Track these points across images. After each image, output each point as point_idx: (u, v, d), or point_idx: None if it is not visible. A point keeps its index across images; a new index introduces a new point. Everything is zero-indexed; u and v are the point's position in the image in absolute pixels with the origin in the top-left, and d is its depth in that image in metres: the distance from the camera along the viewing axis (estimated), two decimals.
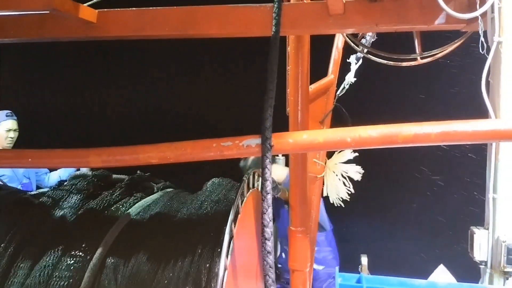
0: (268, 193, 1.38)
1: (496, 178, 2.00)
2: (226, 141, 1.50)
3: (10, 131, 4.30)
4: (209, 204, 1.70)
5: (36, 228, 1.59)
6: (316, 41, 2.22)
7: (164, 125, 6.02)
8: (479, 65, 1.78)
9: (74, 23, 1.77)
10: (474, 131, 1.41)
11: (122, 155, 1.56)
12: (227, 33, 1.76)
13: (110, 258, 1.48)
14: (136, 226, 1.62)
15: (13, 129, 4.33)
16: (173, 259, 1.46)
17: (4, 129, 4.28)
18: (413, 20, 1.70)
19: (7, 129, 4.28)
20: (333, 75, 3.30)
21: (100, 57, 6.05)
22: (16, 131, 4.36)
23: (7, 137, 4.28)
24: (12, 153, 1.63)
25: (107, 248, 1.51)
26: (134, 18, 1.79)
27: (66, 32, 1.81)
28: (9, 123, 4.31)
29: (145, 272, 1.45)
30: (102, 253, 1.48)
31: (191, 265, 1.44)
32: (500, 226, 2.01)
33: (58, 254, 1.49)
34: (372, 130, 1.46)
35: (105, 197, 1.75)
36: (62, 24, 1.80)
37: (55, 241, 1.54)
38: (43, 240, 1.54)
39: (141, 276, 1.44)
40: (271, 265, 1.36)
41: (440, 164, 5.48)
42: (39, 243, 1.54)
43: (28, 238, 1.55)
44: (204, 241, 1.50)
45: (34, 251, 1.51)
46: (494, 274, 2.03)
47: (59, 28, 1.81)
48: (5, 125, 4.28)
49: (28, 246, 1.53)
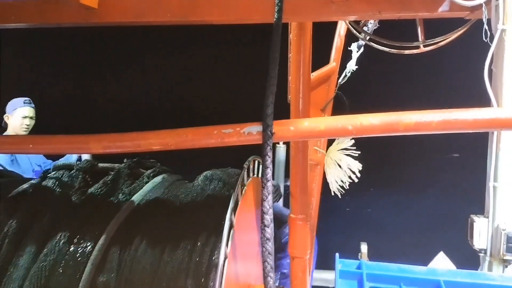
0: (268, 180, 1.38)
1: (496, 166, 2.00)
2: (227, 128, 1.50)
3: (26, 118, 4.24)
4: (209, 192, 1.71)
5: (39, 215, 1.60)
6: (318, 28, 2.20)
7: (165, 114, 6.01)
8: (481, 53, 1.77)
9: (75, 8, 1.75)
10: (476, 119, 1.41)
11: (122, 141, 1.56)
12: (228, 20, 1.75)
13: (113, 247, 1.50)
14: (137, 214, 1.63)
15: (29, 117, 4.26)
16: (174, 247, 1.48)
17: (20, 116, 4.22)
18: (417, 7, 1.68)
19: (23, 116, 4.23)
20: (335, 62, 3.29)
21: (102, 48, 6.03)
22: (32, 119, 4.29)
23: (23, 124, 4.22)
24: (13, 139, 1.63)
25: (110, 236, 1.52)
26: (135, 3, 1.78)
27: (67, 18, 1.79)
28: (26, 110, 4.26)
29: (146, 261, 1.46)
30: (104, 242, 1.49)
31: (192, 253, 1.45)
32: (500, 215, 2.02)
33: (61, 242, 1.50)
34: (374, 118, 1.45)
35: (102, 186, 1.76)
36: (63, 9, 1.78)
37: (57, 228, 1.55)
38: (46, 226, 1.56)
39: (142, 264, 1.46)
40: (270, 252, 1.36)
41: (440, 153, 5.48)
42: (42, 230, 1.55)
43: (30, 225, 1.56)
44: (205, 229, 1.51)
45: (37, 238, 1.52)
46: (493, 262, 2.04)
47: (60, 14, 1.79)
48: (21, 112, 4.24)
49: (31, 233, 1.54)
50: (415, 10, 1.70)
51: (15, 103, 4.29)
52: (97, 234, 1.52)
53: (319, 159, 3.22)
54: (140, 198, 1.72)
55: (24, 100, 4.29)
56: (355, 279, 1.80)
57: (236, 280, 1.66)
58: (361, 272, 1.80)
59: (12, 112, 4.26)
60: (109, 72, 6.46)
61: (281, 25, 1.49)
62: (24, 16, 1.82)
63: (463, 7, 1.62)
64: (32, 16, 1.82)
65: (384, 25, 3.21)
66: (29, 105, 4.29)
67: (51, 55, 6.39)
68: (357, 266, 1.86)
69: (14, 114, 4.24)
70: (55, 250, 1.48)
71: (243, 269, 1.77)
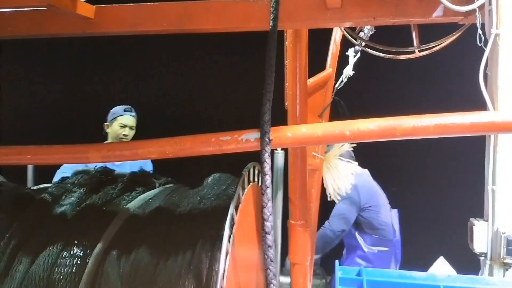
0: (267, 187, 1.39)
1: (494, 170, 2.00)
2: (225, 136, 1.51)
3: (125, 127, 3.87)
4: (210, 198, 1.71)
5: (37, 222, 1.59)
6: (314, 34, 2.22)
7: (162, 121, 6.02)
8: (476, 57, 1.78)
9: (71, 19, 1.77)
10: (473, 123, 1.42)
11: (121, 150, 1.57)
12: (225, 28, 1.76)
13: (112, 250, 1.49)
14: (136, 219, 1.63)
15: (129, 126, 3.89)
16: (174, 250, 1.47)
17: (119, 125, 3.87)
18: (411, 13, 1.70)
19: (122, 125, 3.87)
20: (331, 68, 3.30)
21: (100, 53, 6.04)
22: (132, 129, 3.92)
23: (121, 134, 3.86)
24: (11, 149, 1.63)
25: (109, 239, 1.52)
26: (132, 13, 1.79)
27: (64, 28, 1.80)
28: (125, 118, 3.89)
29: (146, 263, 1.46)
30: (103, 245, 1.49)
31: (192, 256, 1.44)
32: (499, 218, 2.02)
33: (59, 248, 1.50)
34: (371, 123, 1.46)
35: (107, 191, 1.75)
36: (60, 20, 1.79)
37: (56, 234, 1.55)
38: (45, 233, 1.55)
39: (143, 265, 1.45)
40: (272, 259, 1.36)
41: (440, 156, 5.49)
42: (40, 237, 1.54)
43: (30, 232, 1.56)
44: (204, 237, 1.51)
45: (35, 245, 1.51)
46: (493, 265, 2.04)
47: (57, 25, 1.80)
48: (120, 121, 3.88)
49: (29, 240, 1.53)
50: (409, 16, 1.71)
51: (115, 111, 3.95)
52: (96, 238, 1.51)
53: (318, 165, 3.23)
54: (141, 204, 1.72)
55: (125, 108, 3.95)
56: (355, 286, 1.80)
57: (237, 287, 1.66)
58: (361, 279, 1.80)
59: (111, 121, 3.92)
60: (106, 77, 6.47)
61: (277, 33, 1.50)
62: (21, 27, 1.83)
63: (457, 12, 1.64)
64: (29, 27, 1.82)
65: (380, 30, 3.23)
66: (129, 113, 3.94)
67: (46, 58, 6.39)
68: (357, 273, 1.86)
69: (114, 123, 3.90)
70: (54, 254, 1.48)
71: (244, 276, 1.77)
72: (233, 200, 1.54)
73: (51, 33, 1.82)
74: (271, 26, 1.49)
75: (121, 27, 1.80)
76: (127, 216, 1.63)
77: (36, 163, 1.71)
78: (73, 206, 1.67)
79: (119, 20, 1.79)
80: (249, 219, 1.85)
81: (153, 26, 1.78)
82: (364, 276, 1.81)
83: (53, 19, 1.80)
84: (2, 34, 1.85)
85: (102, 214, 1.66)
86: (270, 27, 1.49)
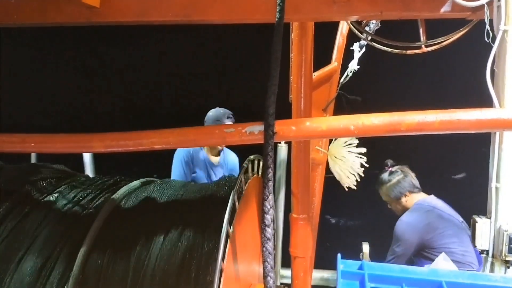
0: (269, 180, 1.38)
1: (499, 167, 1.99)
2: (229, 128, 1.50)
3: None
4: (209, 190, 1.72)
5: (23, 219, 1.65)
6: (320, 28, 2.20)
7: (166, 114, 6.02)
8: (484, 54, 1.76)
9: (77, 8, 1.76)
10: (478, 119, 1.41)
11: (125, 140, 1.56)
12: (230, 19, 1.75)
13: (101, 239, 1.54)
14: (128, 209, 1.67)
15: None
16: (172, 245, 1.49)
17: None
18: (418, 8, 1.68)
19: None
20: (337, 62, 3.28)
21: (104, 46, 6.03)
22: None
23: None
24: (15, 137, 1.63)
25: (100, 225, 1.55)
26: (137, 3, 1.78)
27: (69, 17, 1.80)
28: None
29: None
30: (93, 234, 1.55)
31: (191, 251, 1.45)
32: (502, 216, 2.01)
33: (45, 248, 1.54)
34: (375, 118, 1.45)
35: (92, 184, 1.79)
36: (65, 9, 1.79)
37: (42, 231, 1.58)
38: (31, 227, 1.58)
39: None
40: (270, 252, 1.37)
41: (443, 153, 5.48)
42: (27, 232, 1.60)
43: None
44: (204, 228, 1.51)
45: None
46: (495, 263, 2.03)
47: (62, 13, 1.79)
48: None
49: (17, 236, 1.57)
50: (417, 11, 1.69)
51: (218, 117, 3.78)
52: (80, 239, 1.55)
53: (321, 159, 3.21)
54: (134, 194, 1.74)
55: (228, 115, 3.82)
56: (357, 279, 1.80)
57: (236, 278, 1.66)
58: (363, 272, 1.79)
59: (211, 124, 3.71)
60: (110, 71, 6.46)
61: (283, 25, 1.49)
62: (26, 15, 1.82)
63: (465, 7, 1.62)
64: (34, 15, 1.82)
65: (386, 24, 3.21)
66: (230, 120, 3.83)
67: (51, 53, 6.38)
68: (359, 267, 1.85)
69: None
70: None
71: (244, 268, 1.77)
72: (236, 186, 1.55)
73: (56, 21, 1.82)
74: (277, 18, 1.47)
75: (127, 17, 1.79)
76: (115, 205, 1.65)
77: (40, 151, 1.71)
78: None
79: (125, 10, 1.78)
80: (251, 209, 1.85)
81: (158, 16, 1.77)
82: (366, 270, 1.81)
83: (58, 7, 1.79)
84: (7, 22, 1.84)
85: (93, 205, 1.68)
86: (276, 19, 1.48)
